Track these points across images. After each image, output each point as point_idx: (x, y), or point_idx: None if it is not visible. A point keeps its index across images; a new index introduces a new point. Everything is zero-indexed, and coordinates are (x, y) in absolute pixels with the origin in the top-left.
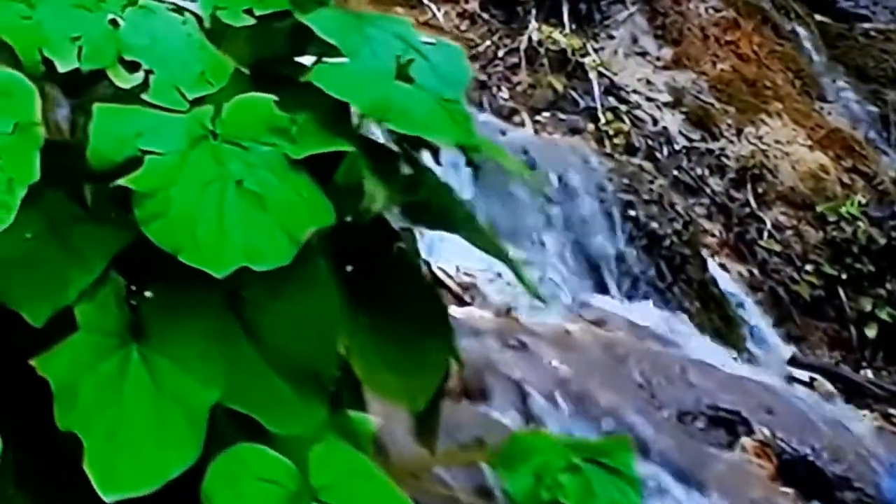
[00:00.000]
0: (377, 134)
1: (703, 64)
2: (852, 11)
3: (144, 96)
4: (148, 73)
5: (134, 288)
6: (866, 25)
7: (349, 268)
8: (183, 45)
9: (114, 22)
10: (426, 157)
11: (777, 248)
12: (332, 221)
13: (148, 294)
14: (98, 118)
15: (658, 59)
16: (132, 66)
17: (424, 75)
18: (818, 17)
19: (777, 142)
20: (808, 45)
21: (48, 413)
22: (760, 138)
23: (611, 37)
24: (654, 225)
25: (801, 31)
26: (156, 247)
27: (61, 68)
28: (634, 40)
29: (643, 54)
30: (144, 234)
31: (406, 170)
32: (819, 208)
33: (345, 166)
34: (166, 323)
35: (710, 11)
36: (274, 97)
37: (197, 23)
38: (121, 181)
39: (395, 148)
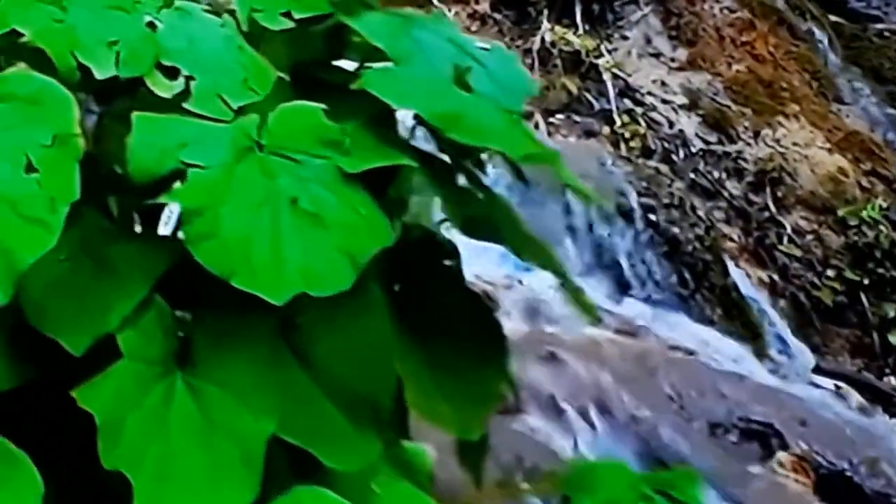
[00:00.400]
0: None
1: (718, 65)
2: (864, 12)
3: (186, 104)
4: (188, 79)
5: (177, 312)
6: (879, 26)
7: (396, 287)
8: (223, 49)
9: (151, 24)
10: None
11: (797, 252)
12: (393, 241)
13: (184, 315)
14: (138, 128)
15: (673, 60)
16: (170, 72)
17: (483, 83)
18: (832, 18)
19: (795, 144)
20: (823, 46)
21: (92, 448)
22: (778, 141)
23: (624, 37)
24: (675, 230)
25: (816, 31)
26: (199, 268)
27: (99, 75)
28: (648, 41)
29: (657, 55)
30: (186, 253)
31: (461, 182)
32: (840, 212)
33: (401, 180)
34: (213, 349)
35: (725, 12)
36: (322, 105)
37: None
38: (166, 197)
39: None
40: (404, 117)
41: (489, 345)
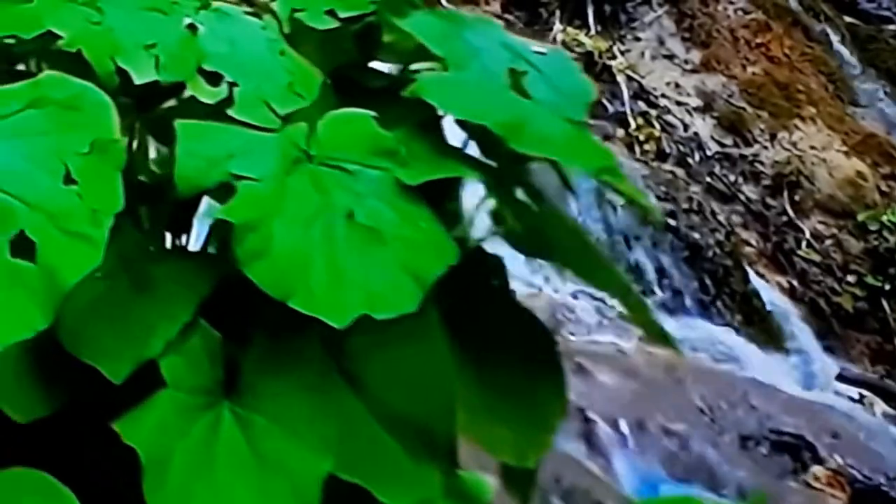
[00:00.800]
0: None
1: (732, 67)
2: (874, 13)
3: (230, 112)
4: (232, 85)
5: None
6: (892, 27)
7: (446, 305)
8: (265, 52)
9: (192, 27)
10: None
11: (817, 258)
12: (458, 259)
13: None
14: (183, 137)
15: (686, 62)
16: (212, 78)
17: (540, 90)
18: (847, 19)
19: (812, 147)
20: (838, 47)
21: (135, 482)
22: (795, 144)
23: (637, 39)
24: (696, 235)
25: (830, 33)
26: (244, 287)
27: (138, 80)
28: (661, 42)
29: (671, 57)
30: (231, 272)
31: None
32: (859, 217)
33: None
34: (262, 376)
35: (739, 13)
36: (372, 112)
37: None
38: (219, 213)
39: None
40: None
41: (545, 365)
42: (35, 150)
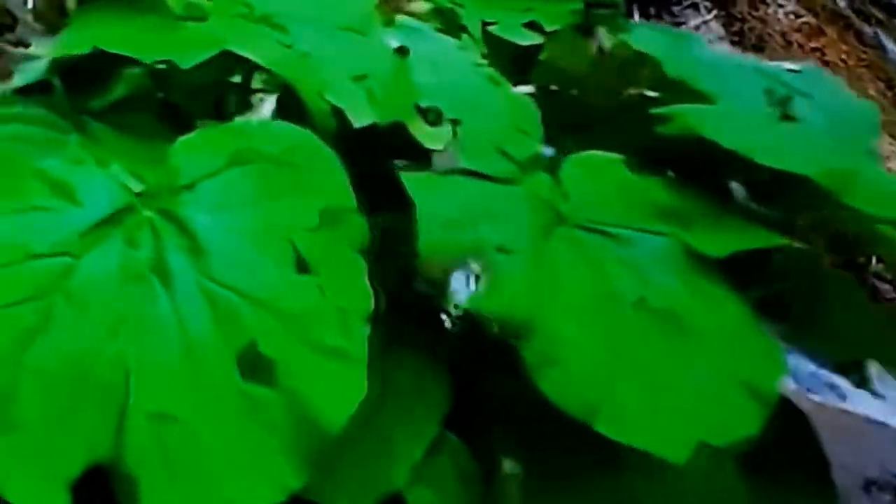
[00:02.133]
0: None
1: None
2: None
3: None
4: (454, 123)
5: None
6: None
7: None
8: (477, 80)
9: (402, 50)
10: None
11: (889, 274)
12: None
13: None
14: (418, 194)
15: None
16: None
17: (813, 117)
18: None
19: None
20: (893, 52)
21: None
22: None
23: None
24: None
25: (883, 37)
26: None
27: (357, 122)
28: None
29: None
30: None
31: None
32: None
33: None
34: None
35: (791, 17)
36: (619, 156)
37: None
38: (484, 303)
39: None
40: None
41: (816, 472)
42: (250, 226)
